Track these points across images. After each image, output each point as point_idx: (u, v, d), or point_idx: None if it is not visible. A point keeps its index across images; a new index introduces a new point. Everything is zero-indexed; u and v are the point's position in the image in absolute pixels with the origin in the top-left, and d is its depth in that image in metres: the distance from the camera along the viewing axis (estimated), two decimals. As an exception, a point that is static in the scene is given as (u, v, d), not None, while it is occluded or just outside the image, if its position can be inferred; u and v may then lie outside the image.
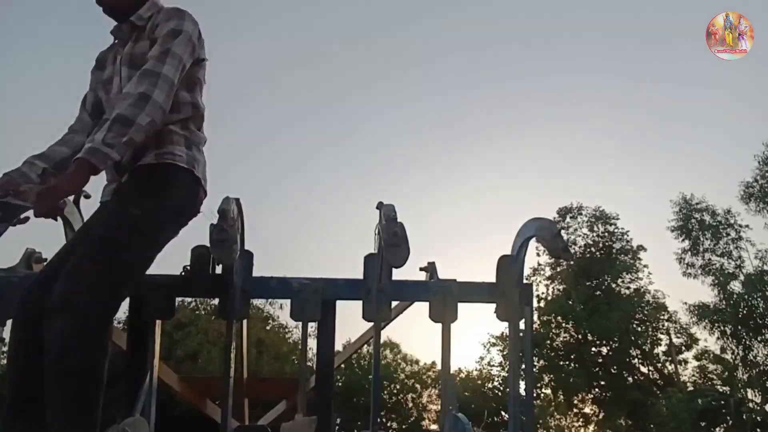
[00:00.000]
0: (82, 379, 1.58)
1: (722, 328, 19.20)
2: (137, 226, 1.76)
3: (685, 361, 22.18)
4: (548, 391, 23.21)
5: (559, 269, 23.73)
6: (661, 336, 22.37)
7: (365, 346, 4.83)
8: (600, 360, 22.73)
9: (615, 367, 22.52)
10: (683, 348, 22.19)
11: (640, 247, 23.33)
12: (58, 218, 2.08)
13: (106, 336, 1.66)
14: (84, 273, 1.64)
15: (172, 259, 2.04)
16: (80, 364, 1.57)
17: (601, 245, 23.76)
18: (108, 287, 1.67)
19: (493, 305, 2.28)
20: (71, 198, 2.32)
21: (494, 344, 25.90)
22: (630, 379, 22.36)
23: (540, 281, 23.92)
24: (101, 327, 1.65)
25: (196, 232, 2.06)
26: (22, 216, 1.87)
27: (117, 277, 1.70)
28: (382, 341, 2.51)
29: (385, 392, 26.34)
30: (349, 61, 36.04)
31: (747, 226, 20.19)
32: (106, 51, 2.13)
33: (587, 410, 23.52)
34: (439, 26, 35.85)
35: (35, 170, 1.92)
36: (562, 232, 2.45)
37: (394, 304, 2.42)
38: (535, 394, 4.36)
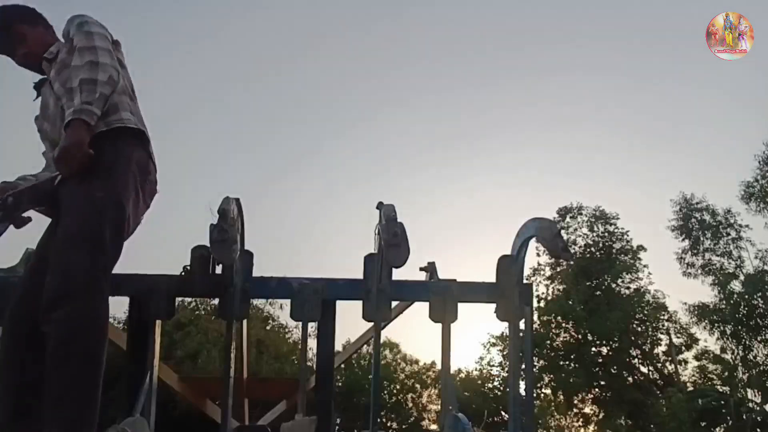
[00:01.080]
0: (85, 361, 1.67)
1: (722, 328, 19.20)
2: (106, 207, 1.84)
3: (685, 361, 22.19)
4: (548, 391, 23.21)
5: (559, 269, 23.73)
6: (661, 336, 22.38)
7: (365, 346, 4.83)
8: (600, 360, 22.72)
9: (615, 367, 22.52)
10: (683, 348, 22.18)
11: (640, 247, 23.33)
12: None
13: (104, 317, 1.76)
14: (72, 262, 1.73)
15: (172, 259, 2.05)
16: (82, 348, 1.67)
17: (601, 245, 23.76)
18: (98, 271, 1.77)
19: (493, 305, 2.28)
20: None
21: (494, 344, 25.91)
22: (630, 379, 22.36)
23: (540, 281, 23.92)
24: (101, 310, 1.75)
25: (196, 232, 2.07)
26: (24, 216, 1.90)
27: (103, 260, 1.80)
28: (382, 341, 2.51)
29: (385, 392, 26.34)
30: (349, 61, 36.05)
31: (747, 226, 20.21)
32: (37, 83, 2.22)
33: (587, 410, 23.52)
34: (440, 26, 35.85)
35: (29, 183, 2.02)
36: (562, 232, 2.45)
37: (394, 304, 2.42)
38: (535, 394, 4.36)
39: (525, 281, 2.26)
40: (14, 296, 1.89)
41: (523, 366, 2.30)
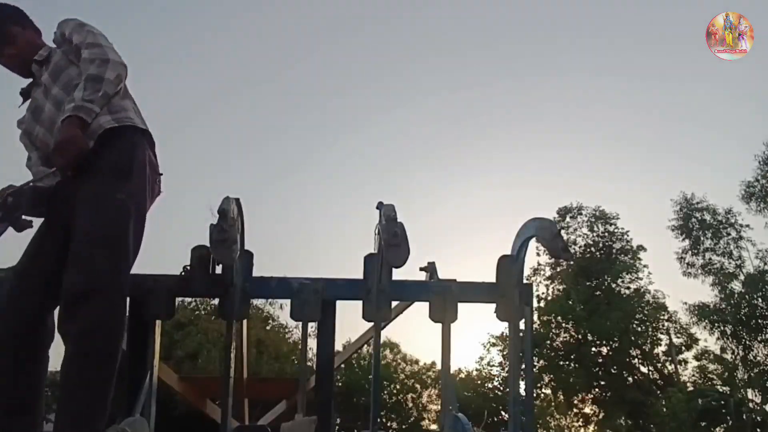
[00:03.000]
0: (104, 358, 1.71)
1: (722, 328, 19.19)
2: (128, 210, 1.86)
3: (685, 361, 22.19)
4: (548, 391, 23.21)
5: (559, 269, 23.72)
6: (661, 336, 22.37)
7: (365, 346, 4.83)
8: (600, 360, 22.72)
9: (615, 367, 22.52)
10: (683, 348, 22.18)
11: (640, 247, 23.33)
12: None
13: (123, 316, 1.83)
14: (97, 261, 1.75)
15: (172, 259, 2.05)
16: (103, 345, 1.71)
17: (601, 245, 23.76)
18: (122, 272, 1.82)
19: (493, 305, 2.28)
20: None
21: (494, 344, 25.92)
22: (630, 379, 22.36)
23: (540, 281, 23.92)
24: (122, 310, 1.82)
25: (196, 232, 2.07)
26: (26, 218, 1.90)
27: (126, 261, 1.84)
28: (382, 341, 2.51)
29: (385, 392, 26.33)
30: (349, 62, 36.04)
31: (747, 225, 20.21)
32: (25, 88, 2.20)
33: (587, 410, 23.52)
34: (440, 26, 35.85)
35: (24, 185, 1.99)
36: (562, 232, 2.44)
37: (394, 304, 2.42)
38: (535, 394, 4.36)
39: (525, 281, 2.26)
40: (7, 294, 1.88)
41: (523, 366, 2.29)
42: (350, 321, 2.53)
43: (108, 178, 1.87)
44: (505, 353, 23.64)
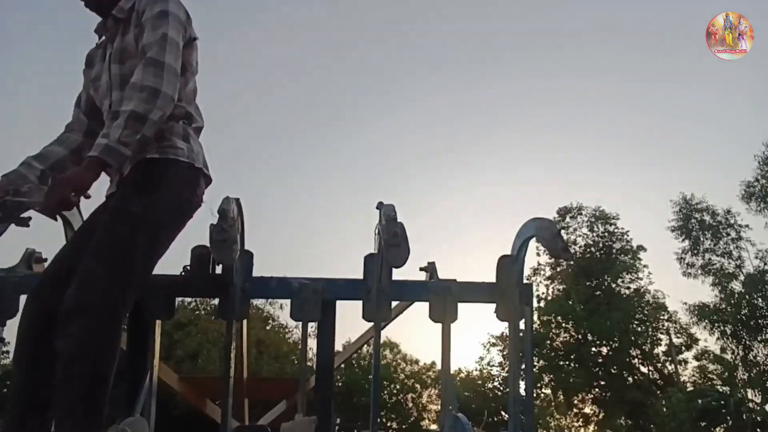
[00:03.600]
0: (93, 380, 1.58)
1: (722, 328, 19.21)
2: (140, 225, 1.75)
3: (685, 361, 22.20)
4: (548, 391, 23.22)
5: (559, 269, 23.73)
6: (661, 336, 22.38)
7: (365, 346, 4.82)
8: (600, 360, 22.72)
9: (615, 367, 22.52)
10: (683, 348, 22.19)
11: (640, 247, 23.34)
12: (58, 218, 2.08)
13: (117, 339, 1.67)
14: (94, 276, 1.64)
15: (172, 259, 2.04)
16: (92, 366, 1.58)
17: (601, 245, 23.76)
18: (119, 289, 1.67)
19: (493, 305, 2.28)
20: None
21: (494, 344, 25.93)
22: (630, 379, 22.36)
23: (540, 281, 23.94)
24: (113, 330, 1.65)
25: (196, 232, 2.06)
26: (24, 216, 1.87)
27: (126, 279, 1.70)
28: (382, 341, 2.51)
29: (385, 392, 26.33)
30: (349, 61, 36.04)
31: (747, 225, 20.23)
32: (95, 49, 2.10)
33: (587, 410, 23.53)
34: (440, 26, 35.83)
35: (34, 172, 1.92)
36: (562, 232, 2.44)
37: (394, 304, 2.42)
38: (535, 394, 4.36)
39: (525, 281, 2.26)
40: (30, 295, 1.84)
41: (523, 366, 2.29)
42: (350, 321, 2.53)
43: (129, 192, 1.80)
44: (505, 353, 23.65)
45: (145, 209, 1.77)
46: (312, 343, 3.86)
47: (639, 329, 22.13)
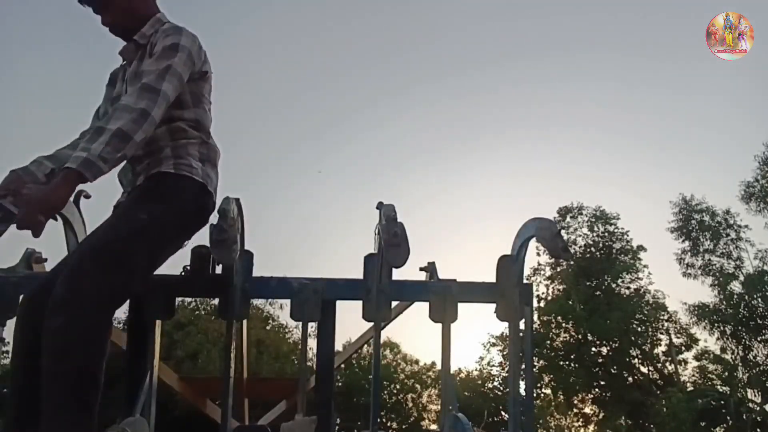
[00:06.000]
0: (79, 377, 1.56)
1: (722, 328, 19.21)
2: (142, 229, 1.75)
3: (685, 361, 22.21)
4: (548, 391, 23.22)
5: (559, 269, 23.74)
6: (661, 336, 22.39)
7: (365, 346, 4.82)
8: (600, 360, 22.72)
9: (615, 367, 22.52)
10: (683, 348, 22.19)
11: (640, 247, 23.35)
12: (58, 218, 2.08)
13: (104, 336, 1.65)
14: (84, 273, 1.63)
15: (172, 259, 2.04)
16: (77, 363, 1.55)
17: (601, 245, 23.77)
18: (107, 287, 1.65)
19: (493, 305, 2.27)
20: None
21: (494, 344, 25.94)
22: (630, 379, 22.37)
23: (540, 281, 23.95)
24: (99, 326, 1.63)
25: (196, 233, 2.06)
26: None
27: (117, 278, 1.68)
28: (382, 341, 2.50)
29: (385, 392, 26.34)
30: (350, 62, 36.04)
31: (746, 226, 20.24)
32: (118, 69, 2.16)
33: (587, 410, 23.54)
34: (440, 28, 35.83)
35: (43, 169, 1.92)
36: (562, 232, 2.44)
37: (394, 304, 2.41)
38: (535, 394, 4.36)
39: (525, 281, 2.26)
40: (26, 296, 1.85)
41: (523, 366, 2.29)
42: (350, 321, 2.53)
43: (139, 199, 1.84)
44: (505, 353, 23.66)
45: (151, 218, 1.78)
46: (312, 343, 3.86)
47: (639, 329, 22.13)
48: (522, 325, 2.23)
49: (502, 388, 24.85)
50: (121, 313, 2.08)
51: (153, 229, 1.78)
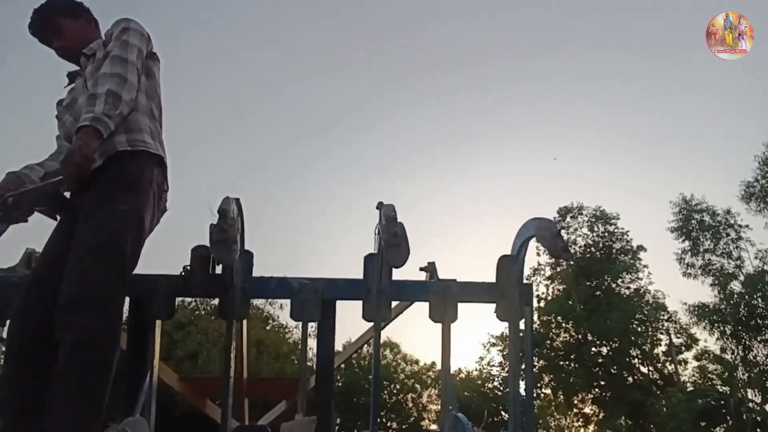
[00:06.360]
0: (97, 367, 1.70)
1: (722, 328, 19.20)
2: (128, 221, 1.88)
3: (685, 361, 22.18)
4: (548, 391, 23.20)
5: (559, 269, 23.73)
6: (661, 336, 22.37)
7: (365, 346, 4.83)
8: (600, 360, 22.71)
9: (615, 367, 22.51)
10: (683, 348, 22.17)
11: (640, 247, 23.33)
12: (58, 217, 2.09)
13: (119, 329, 1.80)
14: (92, 271, 1.75)
15: (172, 259, 2.06)
16: (97, 355, 1.70)
17: (601, 245, 23.75)
18: (117, 282, 1.80)
19: (493, 305, 2.28)
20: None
21: (494, 344, 25.92)
22: (630, 379, 22.35)
23: (540, 281, 23.93)
24: (116, 320, 1.79)
25: (196, 232, 2.07)
26: (23, 211, 1.92)
27: (122, 273, 1.83)
28: (382, 341, 2.51)
29: (385, 392, 26.33)
30: (350, 63, 36.05)
31: (747, 226, 20.23)
32: (62, 98, 2.22)
33: (587, 410, 23.52)
34: (441, 29, 35.83)
35: (36, 173, 2.05)
36: (562, 232, 2.44)
37: (394, 304, 2.42)
38: (535, 394, 4.36)
39: (525, 281, 2.26)
40: (20, 296, 1.89)
41: (523, 366, 2.29)
42: (350, 321, 2.53)
43: (113, 190, 1.90)
44: (505, 353, 23.66)
45: (131, 207, 1.90)
46: (312, 343, 3.87)
47: (639, 329, 22.11)
48: (522, 325, 2.23)
49: (502, 388, 24.83)
50: (121, 313, 2.09)
51: (135, 216, 1.90)
